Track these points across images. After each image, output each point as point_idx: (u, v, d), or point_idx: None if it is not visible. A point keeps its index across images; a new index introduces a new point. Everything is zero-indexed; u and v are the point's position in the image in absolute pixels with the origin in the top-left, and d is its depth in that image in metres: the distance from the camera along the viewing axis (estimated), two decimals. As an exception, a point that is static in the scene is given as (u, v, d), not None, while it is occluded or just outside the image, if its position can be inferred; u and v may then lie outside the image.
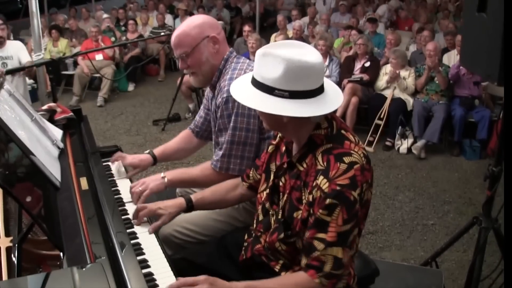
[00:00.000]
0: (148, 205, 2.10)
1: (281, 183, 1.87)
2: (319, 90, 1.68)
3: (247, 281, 1.72)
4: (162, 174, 2.35)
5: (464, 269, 3.16)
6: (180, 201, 2.14)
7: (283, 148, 1.90)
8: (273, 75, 1.62)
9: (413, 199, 4.80)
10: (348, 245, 1.66)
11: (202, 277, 1.65)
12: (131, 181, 2.54)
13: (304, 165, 1.76)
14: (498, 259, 2.93)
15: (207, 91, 2.56)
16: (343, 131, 1.75)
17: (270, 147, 2.01)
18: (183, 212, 2.15)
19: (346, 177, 1.62)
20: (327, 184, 1.62)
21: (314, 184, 1.66)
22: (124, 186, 2.38)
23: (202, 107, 2.68)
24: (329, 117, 1.75)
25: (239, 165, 2.28)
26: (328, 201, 1.61)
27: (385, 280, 2.36)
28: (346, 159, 1.64)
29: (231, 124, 2.23)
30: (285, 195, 1.83)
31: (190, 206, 2.14)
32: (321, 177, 1.64)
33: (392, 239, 4.06)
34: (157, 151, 2.69)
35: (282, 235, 1.81)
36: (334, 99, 1.71)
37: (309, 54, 1.65)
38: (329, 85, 1.77)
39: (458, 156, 5.84)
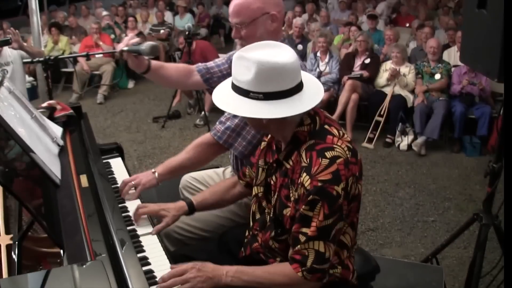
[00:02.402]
0: (150, 205, 2.12)
1: (272, 182, 1.88)
2: (296, 89, 1.67)
3: (238, 266, 1.75)
4: (153, 170, 2.36)
5: (465, 265, 3.16)
6: (181, 204, 2.15)
7: (274, 146, 1.91)
8: (246, 78, 1.63)
9: (414, 195, 4.80)
10: (330, 239, 1.67)
11: (190, 264, 1.69)
12: (127, 170, 2.58)
13: (291, 163, 1.77)
14: (499, 256, 2.93)
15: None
16: (326, 126, 1.75)
17: (262, 144, 2.02)
18: (185, 215, 2.17)
19: (328, 172, 1.62)
20: (309, 181, 1.64)
21: (299, 181, 1.68)
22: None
23: (222, 59, 2.59)
24: (312, 113, 1.75)
25: (242, 147, 2.27)
26: (310, 197, 1.63)
27: (386, 277, 2.37)
28: (328, 154, 1.65)
29: None
30: (276, 193, 1.85)
31: (192, 209, 2.16)
32: (304, 174, 1.66)
33: (392, 236, 4.06)
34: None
35: (273, 233, 1.84)
36: (312, 97, 1.71)
37: (281, 54, 1.65)
38: (311, 82, 1.77)
39: (458, 152, 5.84)
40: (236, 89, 1.68)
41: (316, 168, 1.63)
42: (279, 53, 1.66)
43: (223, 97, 1.73)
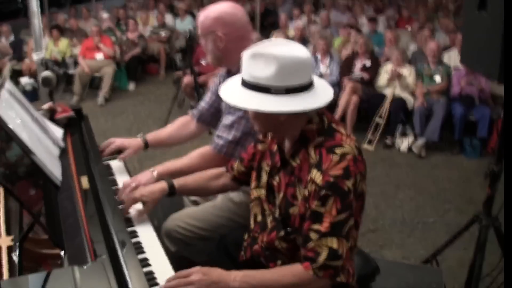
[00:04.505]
0: (133, 194, 2.13)
1: (275, 182, 1.88)
2: (311, 84, 1.72)
3: (245, 271, 1.74)
4: (151, 169, 2.38)
5: (465, 267, 3.15)
6: (162, 185, 2.15)
7: (275, 147, 1.91)
8: (266, 74, 1.64)
9: (414, 197, 4.80)
10: (344, 235, 1.66)
11: (195, 269, 1.69)
12: (128, 172, 2.59)
13: (298, 161, 1.77)
14: (499, 258, 2.92)
15: (218, 76, 2.60)
16: (333, 125, 1.77)
17: (260, 145, 2.02)
18: (166, 196, 2.17)
19: (339, 167, 1.64)
20: (321, 177, 1.64)
21: (309, 178, 1.68)
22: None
23: (208, 93, 2.70)
24: (320, 113, 1.78)
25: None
26: (322, 192, 1.63)
27: (386, 279, 2.36)
28: (338, 150, 1.67)
29: (245, 114, 2.25)
30: (281, 193, 1.84)
31: (172, 192, 2.16)
32: (315, 170, 1.67)
33: (392, 237, 4.06)
34: (149, 135, 2.76)
35: (282, 233, 1.82)
36: (325, 91, 1.75)
37: (297, 49, 1.69)
38: (317, 79, 1.81)
39: (458, 154, 5.84)
40: (253, 87, 1.68)
41: (328, 164, 1.65)
42: (294, 48, 1.69)
43: (239, 95, 1.71)
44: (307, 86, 1.69)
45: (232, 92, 1.74)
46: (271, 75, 1.64)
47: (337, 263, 1.66)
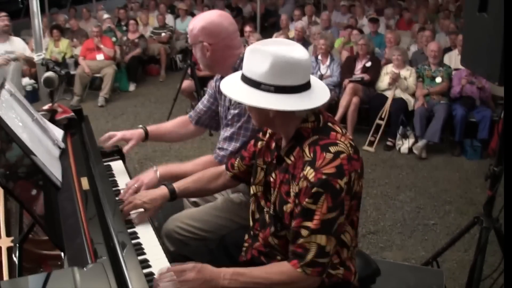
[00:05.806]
0: (134, 199, 2.13)
1: (271, 179, 1.90)
2: (305, 87, 1.72)
3: (234, 268, 1.75)
4: (154, 168, 2.40)
5: (465, 269, 3.16)
6: (163, 191, 2.17)
7: (273, 145, 1.93)
8: (260, 70, 1.67)
9: (414, 199, 4.80)
10: (333, 233, 1.68)
11: (190, 265, 1.69)
12: (128, 172, 2.61)
13: (292, 158, 1.79)
14: (499, 259, 2.92)
15: (215, 80, 2.62)
16: (329, 124, 1.78)
17: (259, 143, 2.03)
18: (167, 201, 2.19)
19: (332, 166, 1.65)
20: (313, 174, 1.65)
21: (301, 175, 1.69)
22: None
23: (206, 96, 2.73)
24: (317, 111, 1.79)
25: None
26: (314, 189, 1.65)
27: (386, 280, 2.36)
28: (332, 149, 1.68)
29: (244, 124, 2.30)
30: (276, 190, 1.86)
31: (173, 197, 2.18)
32: (308, 168, 1.68)
33: (393, 239, 4.06)
34: (150, 127, 2.79)
35: (273, 229, 1.85)
36: (319, 96, 1.75)
37: (296, 51, 1.70)
38: (317, 83, 1.81)
39: (459, 156, 5.84)
40: (247, 80, 1.71)
41: (320, 162, 1.65)
42: (294, 49, 1.70)
43: (233, 87, 1.76)
44: (299, 88, 1.70)
45: (229, 84, 1.80)
46: (264, 72, 1.66)
47: (325, 260, 1.69)
